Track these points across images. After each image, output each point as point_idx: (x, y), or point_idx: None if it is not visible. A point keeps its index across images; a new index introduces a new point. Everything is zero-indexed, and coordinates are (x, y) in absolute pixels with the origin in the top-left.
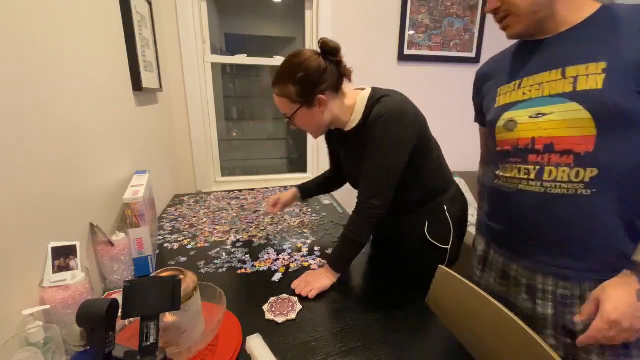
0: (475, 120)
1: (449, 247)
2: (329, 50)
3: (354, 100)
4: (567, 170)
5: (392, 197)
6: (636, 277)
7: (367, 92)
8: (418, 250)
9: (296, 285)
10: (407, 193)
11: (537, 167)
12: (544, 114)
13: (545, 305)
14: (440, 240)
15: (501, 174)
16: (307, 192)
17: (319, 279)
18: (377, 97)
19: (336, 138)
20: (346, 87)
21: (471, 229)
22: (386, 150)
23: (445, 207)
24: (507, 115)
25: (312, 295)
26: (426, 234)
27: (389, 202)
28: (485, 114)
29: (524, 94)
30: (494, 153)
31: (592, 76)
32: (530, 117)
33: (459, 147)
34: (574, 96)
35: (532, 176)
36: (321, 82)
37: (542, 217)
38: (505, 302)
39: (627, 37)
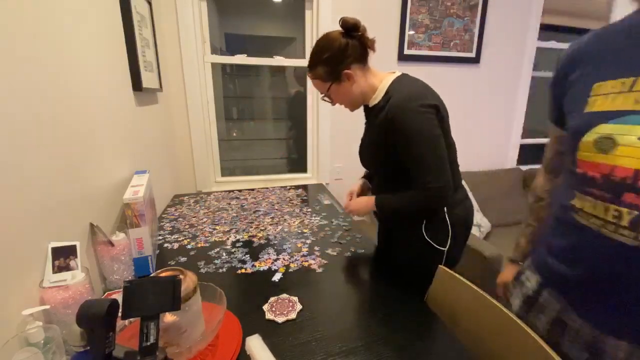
0: (549, 118)
1: (445, 249)
2: (350, 27)
3: (380, 81)
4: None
5: (448, 174)
6: None
7: (394, 76)
8: (417, 249)
9: (347, 207)
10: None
11: (636, 213)
12: None
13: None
14: (438, 242)
15: (578, 205)
16: (370, 177)
17: (358, 205)
18: (397, 85)
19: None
20: (378, 69)
21: (475, 231)
22: (416, 138)
23: (445, 209)
24: (604, 129)
25: (356, 213)
26: (424, 233)
27: (448, 180)
28: (566, 114)
29: (636, 101)
30: (571, 173)
31: None
32: (638, 138)
33: (459, 148)
34: None
35: (625, 222)
36: (344, 57)
37: (632, 273)
38: (553, 345)
39: None
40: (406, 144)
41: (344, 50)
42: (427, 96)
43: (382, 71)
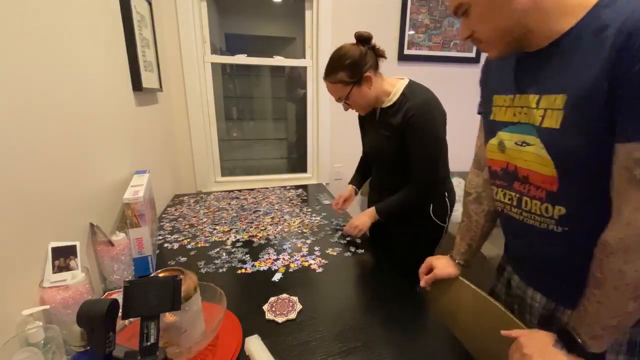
0: (478, 110)
1: (446, 225)
2: (364, 39)
3: (393, 86)
4: (538, 204)
5: (436, 173)
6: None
7: (404, 81)
8: (418, 226)
9: (347, 230)
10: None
11: (517, 196)
12: (527, 144)
13: (532, 319)
14: (440, 219)
15: (495, 195)
16: (358, 183)
17: (361, 219)
18: (412, 90)
19: (368, 119)
20: (387, 75)
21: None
22: (428, 138)
23: (446, 193)
24: (501, 135)
25: (358, 234)
26: (431, 213)
27: (436, 177)
28: (485, 113)
29: (514, 114)
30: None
31: (554, 112)
32: (516, 143)
33: (460, 148)
34: (539, 132)
35: (515, 203)
36: (364, 63)
37: (522, 244)
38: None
39: (592, 61)
40: (418, 142)
41: (364, 57)
42: (438, 102)
43: (386, 74)
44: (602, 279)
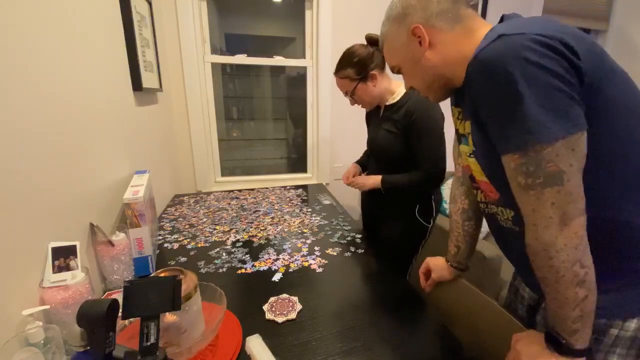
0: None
1: (430, 225)
2: (373, 41)
3: (398, 86)
4: (495, 207)
5: (444, 165)
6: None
7: None
8: (404, 225)
9: (351, 180)
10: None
11: (483, 194)
12: (473, 155)
13: (522, 308)
14: (425, 219)
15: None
16: (363, 165)
17: (367, 181)
18: (413, 92)
19: (373, 114)
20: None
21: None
22: (432, 131)
23: (432, 196)
24: (461, 147)
25: (352, 185)
26: (416, 213)
27: (444, 169)
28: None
29: (464, 128)
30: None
31: (469, 135)
32: (467, 154)
33: None
34: (471, 150)
35: (484, 204)
36: (371, 61)
37: (502, 242)
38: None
39: (470, 96)
40: (421, 135)
41: (372, 56)
42: (439, 106)
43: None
44: (543, 277)
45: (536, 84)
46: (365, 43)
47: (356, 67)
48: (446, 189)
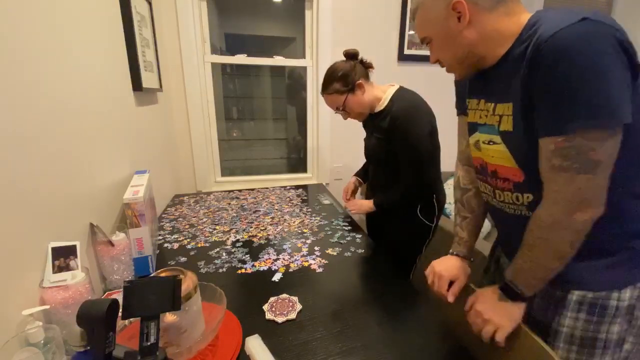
0: (457, 110)
1: (433, 225)
2: (351, 55)
3: (384, 92)
4: (509, 194)
5: (422, 176)
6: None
7: (394, 88)
8: (406, 224)
9: (349, 205)
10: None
11: (491, 188)
12: (494, 142)
13: (499, 276)
14: (428, 219)
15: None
16: (362, 176)
17: (362, 207)
18: (399, 95)
19: (368, 122)
20: (378, 83)
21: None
22: (411, 144)
23: (434, 195)
24: (476, 136)
25: (353, 211)
26: (418, 213)
27: (421, 180)
28: (464, 114)
29: (480, 117)
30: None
31: (507, 117)
32: (484, 142)
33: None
34: (500, 134)
35: (491, 194)
36: (354, 73)
37: (502, 228)
38: None
39: (521, 74)
40: (402, 146)
41: (354, 68)
42: (426, 107)
43: (386, 74)
44: (533, 245)
45: (618, 73)
46: (344, 59)
47: (341, 80)
48: (449, 189)
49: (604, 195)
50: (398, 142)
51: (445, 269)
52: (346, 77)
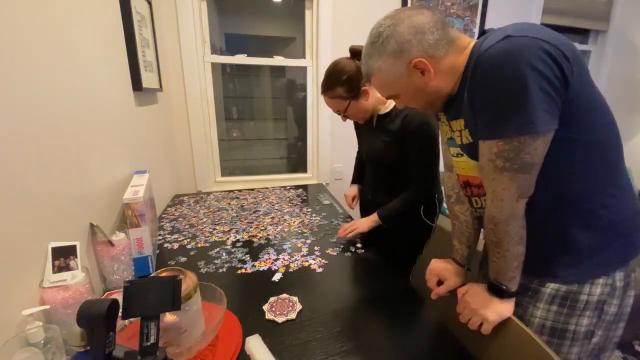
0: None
1: (434, 224)
2: (358, 53)
3: None
4: (483, 200)
5: (432, 180)
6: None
7: None
8: (409, 226)
9: (346, 227)
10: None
11: (468, 197)
12: (460, 155)
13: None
14: (430, 219)
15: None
16: (359, 180)
17: (364, 223)
18: None
19: (364, 124)
20: None
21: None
22: (430, 148)
23: (436, 195)
24: (451, 150)
25: (351, 232)
26: (421, 214)
27: (432, 184)
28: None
29: (447, 132)
30: None
31: (463, 131)
32: (454, 155)
33: None
34: (461, 147)
35: (470, 203)
36: (361, 77)
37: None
38: None
39: (466, 88)
40: (419, 150)
41: (359, 71)
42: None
43: None
44: (498, 241)
45: (538, 83)
46: (350, 56)
47: (346, 85)
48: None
49: (534, 185)
50: (414, 146)
51: (438, 267)
52: (351, 81)
